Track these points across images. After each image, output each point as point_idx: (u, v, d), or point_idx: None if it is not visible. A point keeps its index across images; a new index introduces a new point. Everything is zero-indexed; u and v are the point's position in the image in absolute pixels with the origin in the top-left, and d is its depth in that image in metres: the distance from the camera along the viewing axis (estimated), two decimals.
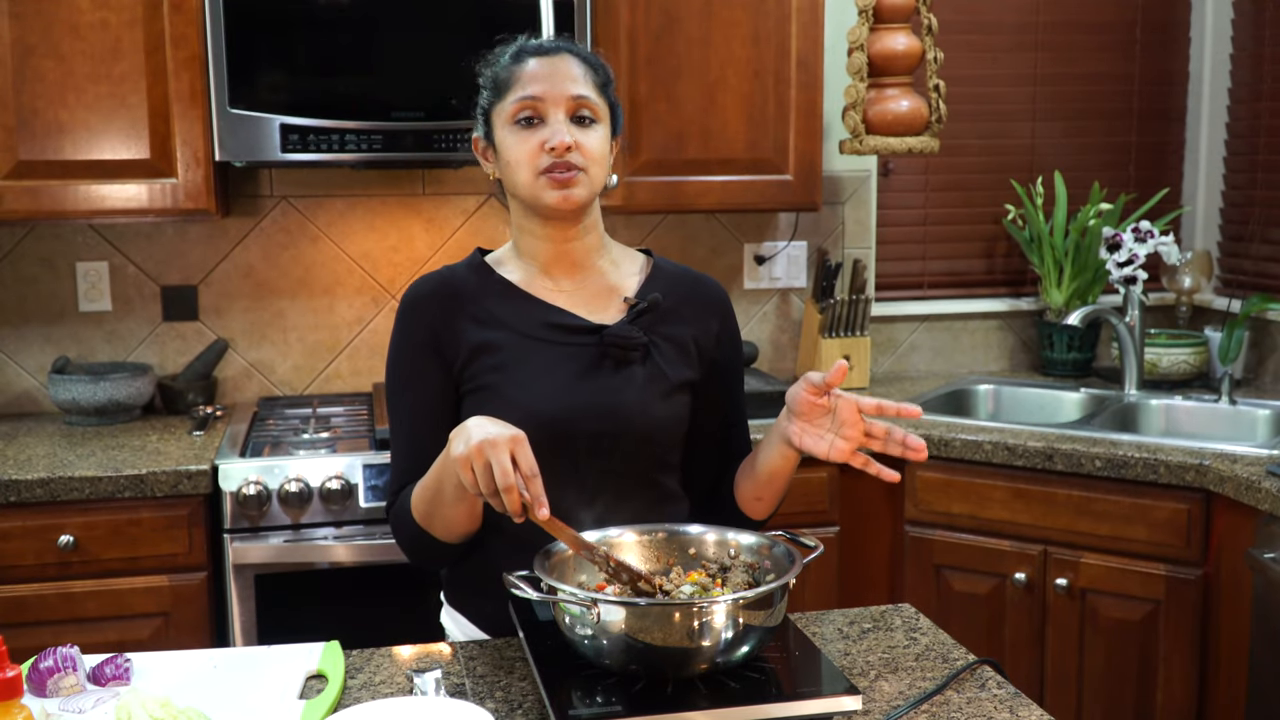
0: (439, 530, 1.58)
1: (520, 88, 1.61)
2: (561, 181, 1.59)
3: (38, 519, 2.42)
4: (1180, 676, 2.54)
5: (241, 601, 2.49)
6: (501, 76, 1.65)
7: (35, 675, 1.42)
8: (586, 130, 1.61)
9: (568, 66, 1.62)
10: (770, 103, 2.93)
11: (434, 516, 1.56)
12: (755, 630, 1.32)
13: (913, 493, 2.79)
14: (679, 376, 1.68)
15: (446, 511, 1.54)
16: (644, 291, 1.70)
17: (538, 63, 1.62)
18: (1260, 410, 2.96)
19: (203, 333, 3.09)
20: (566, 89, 1.60)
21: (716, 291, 1.76)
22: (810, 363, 3.26)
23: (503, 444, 1.34)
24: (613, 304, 1.69)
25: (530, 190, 1.61)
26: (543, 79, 1.61)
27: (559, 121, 1.60)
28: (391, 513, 1.67)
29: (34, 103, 2.59)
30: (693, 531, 1.53)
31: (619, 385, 1.63)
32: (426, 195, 3.14)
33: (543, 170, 1.59)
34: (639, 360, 1.65)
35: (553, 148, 1.58)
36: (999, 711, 1.40)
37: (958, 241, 3.56)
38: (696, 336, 1.71)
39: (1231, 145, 3.51)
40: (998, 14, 3.47)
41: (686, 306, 1.71)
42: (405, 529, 1.63)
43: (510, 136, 1.62)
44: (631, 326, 1.65)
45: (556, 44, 1.66)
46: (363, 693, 1.46)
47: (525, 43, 1.68)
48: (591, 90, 1.63)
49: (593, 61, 1.67)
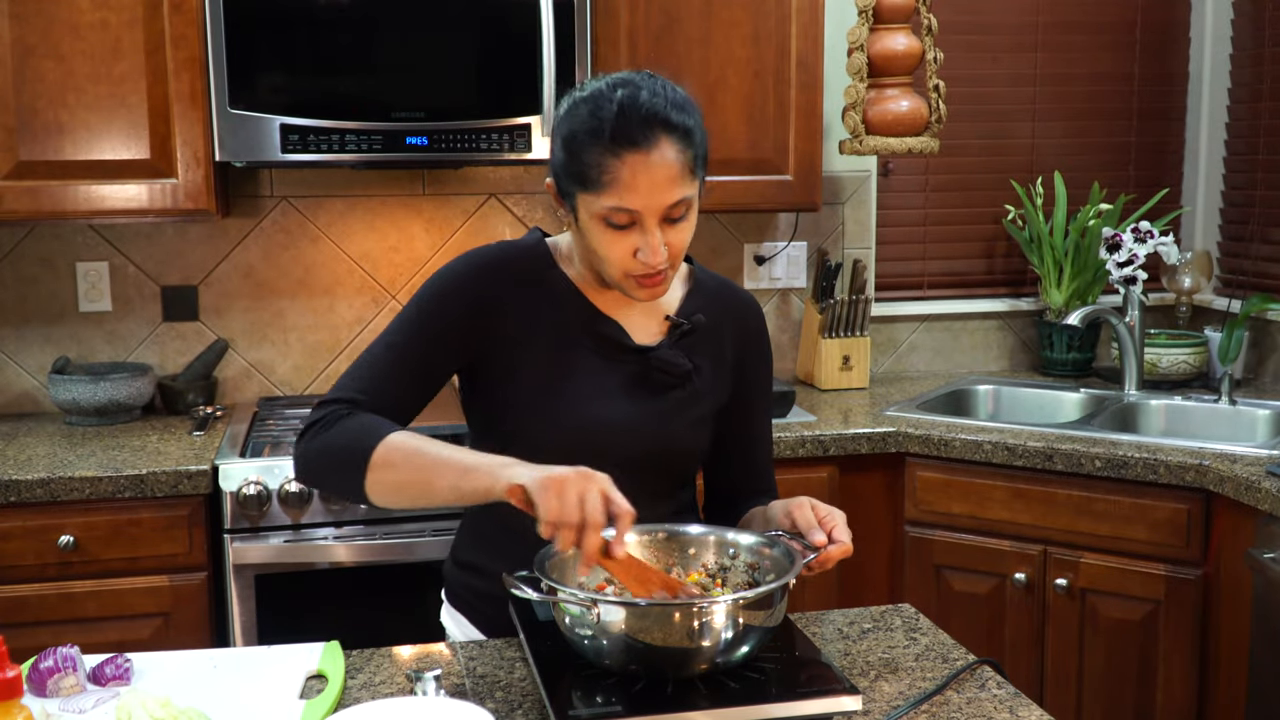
0: (385, 485, 1.47)
1: (615, 194, 1.48)
2: (650, 284, 1.54)
3: (38, 519, 2.42)
4: (1180, 676, 2.54)
5: (241, 601, 2.49)
6: (592, 169, 1.49)
7: (35, 675, 1.42)
8: (680, 227, 1.53)
9: (665, 161, 1.47)
10: (770, 103, 2.93)
11: (404, 477, 1.46)
12: (755, 630, 1.32)
13: (913, 493, 2.79)
14: (715, 402, 1.69)
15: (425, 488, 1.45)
16: (686, 308, 1.69)
17: (635, 163, 1.46)
18: (1260, 410, 2.96)
19: (203, 333, 3.09)
20: (663, 200, 1.48)
21: (753, 309, 1.76)
22: (810, 363, 3.26)
23: (599, 480, 1.32)
24: (655, 320, 1.67)
25: (616, 283, 1.57)
26: (641, 190, 1.47)
27: (654, 231, 1.50)
28: (332, 411, 1.53)
29: (34, 103, 2.59)
30: (693, 532, 1.53)
31: (660, 409, 1.63)
32: (427, 195, 3.14)
33: (633, 274, 1.53)
34: (681, 384, 1.65)
35: (646, 261, 1.51)
36: (999, 711, 1.40)
37: (958, 241, 3.56)
38: (731, 355, 1.72)
39: (1231, 145, 3.51)
40: (998, 14, 3.47)
41: (726, 324, 1.71)
42: (345, 442, 1.49)
43: (598, 232, 1.52)
44: (676, 351, 1.64)
45: (653, 118, 1.48)
46: (363, 693, 1.46)
47: (619, 123, 1.47)
48: (688, 182, 1.50)
49: (688, 128, 1.51)
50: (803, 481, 2.71)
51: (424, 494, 1.47)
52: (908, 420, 2.84)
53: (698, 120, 1.54)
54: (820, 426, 2.79)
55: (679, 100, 1.52)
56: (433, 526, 2.54)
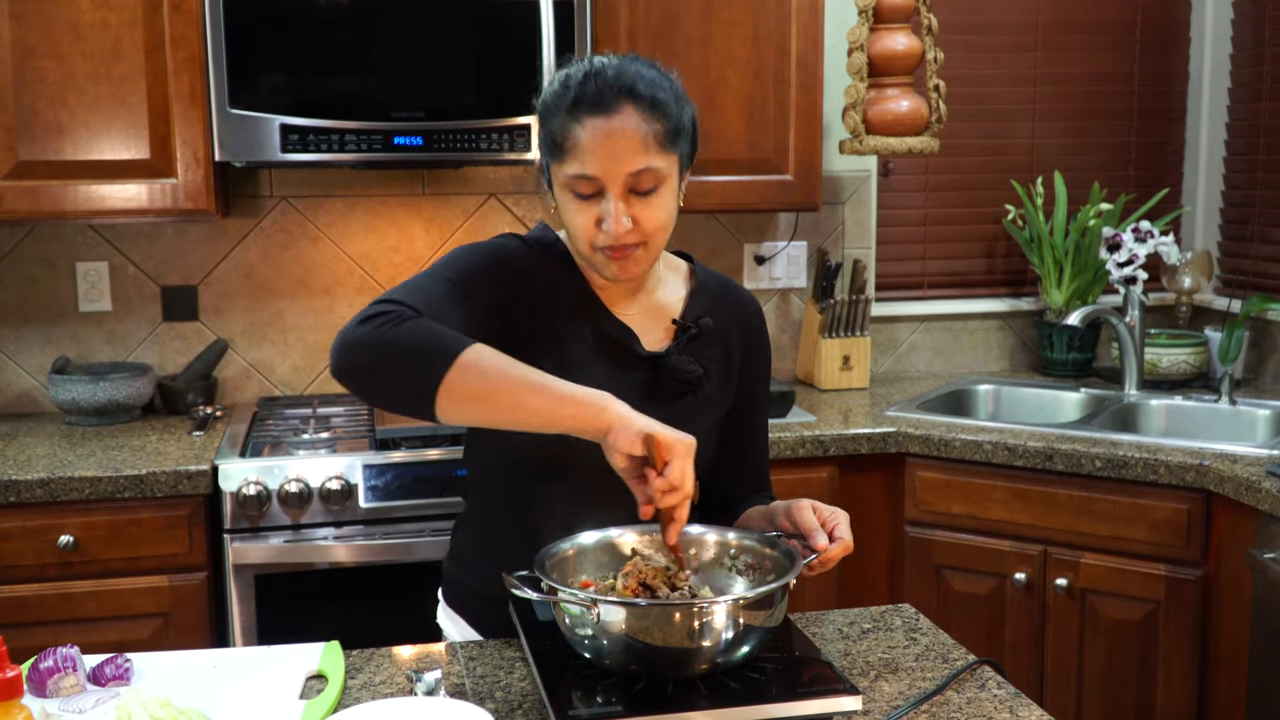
0: (468, 389, 1.35)
1: (576, 159, 1.48)
2: (618, 258, 1.53)
3: (38, 519, 2.42)
4: (1180, 676, 2.54)
5: (241, 601, 2.49)
6: (557, 135, 1.50)
7: (35, 675, 1.42)
8: (649, 201, 1.50)
9: (628, 128, 1.47)
10: (770, 103, 2.93)
11: (495, 385, 1.36)
12: (755, 630, 1.32)
13: (913, 493, 2.79)
14: (723, 406, 1.69)
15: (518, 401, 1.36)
16: (690, 310, 1.68)
17: (595, 125, 1.47)
18: (1260, 410, 2.96)
19: (203, 333, 3.09)
20: (623, 166, 1.47)
21: (755, 310, 1.76)
22: (810, 363, 3.26)
23: (691, 452, 1.34)
24: (661, 324, 1.67)
25: (587, 259, 1.57)
26: (600, 154, 1.47)
27: (616, 200, 1.49)
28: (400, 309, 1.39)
29: (34, 103, 2.59)
30: (693, 532, 1.53)
31: (672, 416, 1.60)
32: (426, 195, 3.14)
33: (599, 246, 1.52)
34: (692, 391, 1.64)
35: (607, 231, 1.49)
36: (999, 711, 1.40)
37: (958, 241, 3.56)
38: (737, 357, 1.72)
39: (1231, 145, 3.51)
40: (998, 14, 3.47)
41: (731, 326, 1.71)
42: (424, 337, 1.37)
43: (566, 201, 1.53)
44: (687, 358, 1.63)
45: (618, 85, 1.48)
46: (363, 693, 1.46)
47: (582, 89, 1.49)
48: (655, 151, 1.49)
49: (660, 102, 1.50)
50: (803, 481, 2.71)
51: (510, 409, 1.37)
52: (908, 420, 2.84)
53: (673, 97, 1.52)
54: (820, 426, 2.79)
55: (653, 76, 1.52)
56: (432, 527, 2.54)
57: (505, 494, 1.67)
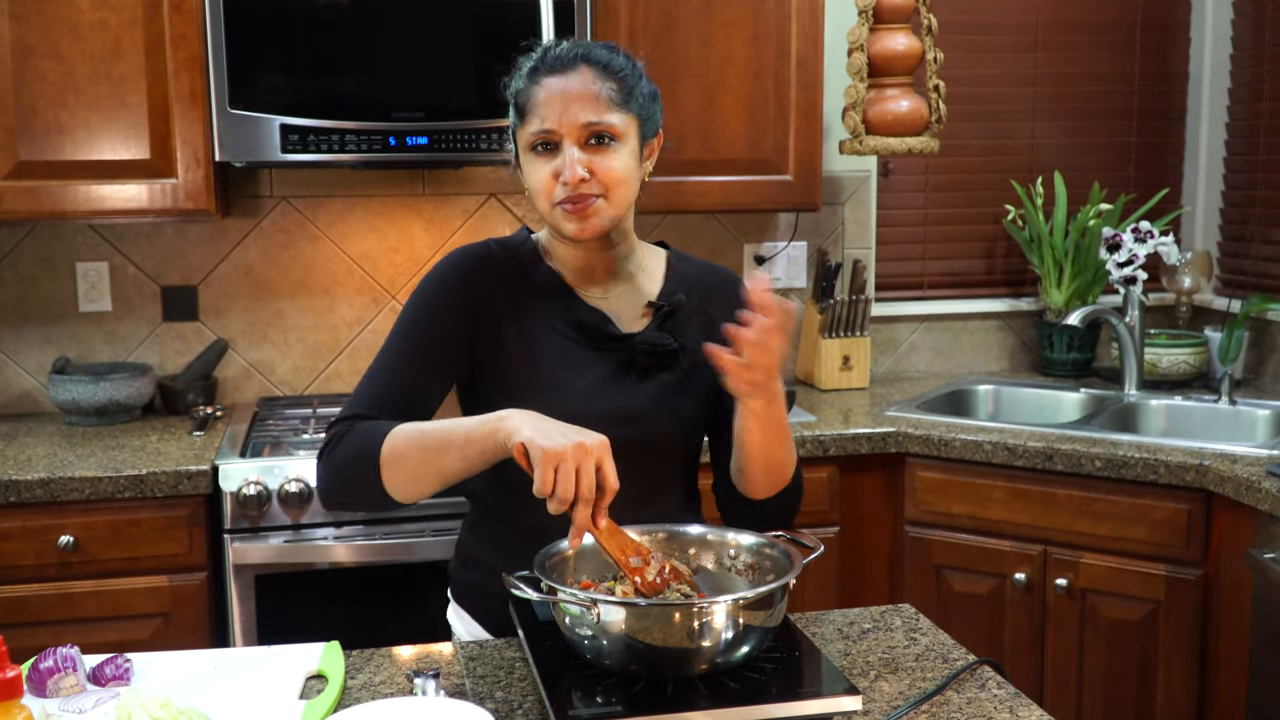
0: (400, 478, 1.49)
1: (536, 117, 1.56)
2: (578, 212, 1.56)
3: (38, 519, 2.42)
4: (1180, 676, 2.54)
5: (241, 601, 2.49)
6: (520, 98, 1.59)
7: (35, 675, 1.42)
8: (605, 152, 1.56)
9: (584, 84, 1.55)
10: (770, 103, 2.93)
11: (415, 464, 1.48)
12: (755, 630, 1.32)
13: (913, 493, 2.79)
14: (707, 378, 1.67)
15: (437, 466, 1.47)
16: (666, 292, 1.70)
17: (551, 84, 1.56)
18: (1260, 410, 2.96)
19: (203, 333, 3.09)
20: (578, 116, 1.54)
21: (733, 281, 1.76)
22: (810, 363, 3.26)
23: (594, 453, 1.34)
24: (638, 307, 1.69)
25: (549, 218, 1.60)
26: (555, 106, 1.54)
27: (571, 148, 1.54)
28: (340, 429, 1.56)
29: (34, 103, 2.59)
30: (692, 532, 1.53)
31: (649, 391, 1.63)
32: (426, 195, 3.14)
33: (558, 201, 1.56)
34: (669, 365, 1.65)
35: (565, 181, 1.54)
36: (999, 711, 1.40)
37: (958, 241, 3.56)
38: (720, 333, 1.71)
39: (1231, 145, 3.51)
40: (998, 14, 3.47)
41: (711, 303, 1.71)
42: (354, 451, 1.52)
43: (529, 163, 1.59)
44: (661, 333, 1.64)
45: (574, 52, 1.58)
46: (363, 693, 1.46)
47: (543, 55, 1.59)
48: (609, 108, 1.55)
49: (615, 67, 1.59)
50: None
51: (439, 474, 1.49)
52: (908, 420, 2.84)
53: (630, 66, 1.60)
54: (820, 426, 2.79)
55: (610, 49, 1.61)
56: (433, 526, 2.54)
57: (510, 494, 1.67)
